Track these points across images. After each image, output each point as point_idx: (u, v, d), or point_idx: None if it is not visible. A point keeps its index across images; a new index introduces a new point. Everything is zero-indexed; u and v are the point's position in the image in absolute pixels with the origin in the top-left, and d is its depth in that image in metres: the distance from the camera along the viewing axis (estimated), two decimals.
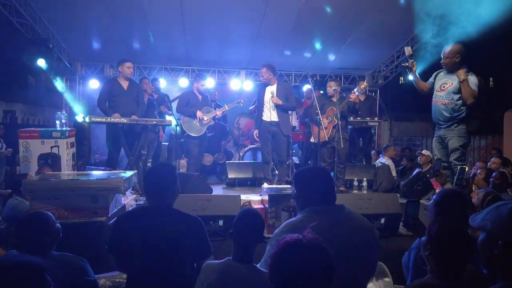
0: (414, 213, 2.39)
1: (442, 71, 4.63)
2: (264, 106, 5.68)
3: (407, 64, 4.68)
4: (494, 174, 4.41)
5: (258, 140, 6.11)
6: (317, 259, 1.34)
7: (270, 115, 5.59)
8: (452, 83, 4.47)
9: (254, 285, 1.85)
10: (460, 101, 4.43)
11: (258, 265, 2.01)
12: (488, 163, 5.72)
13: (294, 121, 7.63)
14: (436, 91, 4.61)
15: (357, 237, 1.89)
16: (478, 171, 4.88)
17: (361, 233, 1.93)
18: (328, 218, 1.83)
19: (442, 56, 4.55)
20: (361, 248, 1.88)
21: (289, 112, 6.03)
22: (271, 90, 5.60)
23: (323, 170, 2.22)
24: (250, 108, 7.43)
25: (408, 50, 4.70)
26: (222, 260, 1.95)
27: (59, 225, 2.34)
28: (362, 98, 6.89)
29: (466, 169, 3.17)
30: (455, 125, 4.50)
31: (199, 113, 6.01)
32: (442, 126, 4.61)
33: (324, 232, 1.53)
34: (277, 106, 5.54)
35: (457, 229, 1.76)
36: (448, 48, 4.47)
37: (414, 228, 2.38)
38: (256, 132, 5.96)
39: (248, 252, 1.96)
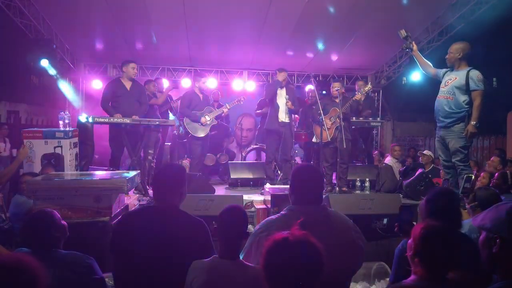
0: (409, 218, 2.27)
1: (450, 69, 4.66)
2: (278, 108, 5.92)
3: (405, 45, 4.83)
4: (496, 174, 4.45)
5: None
6: (305, 254, 1.37)
7: (283, 116, 5.86)
8: (456, 78, 4.49)
9: (242, 280, 1.87)
10: (463, 99, 4.43)
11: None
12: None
13: None
14: (441, 87, 4.66)
15: (337, 237, 1.90)
16: (481, 174, 4.91)
17: (342, 232, 1.95)
18: (308, 217, 1.81)
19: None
20: (341, 248, 1.88)
21: None
22: (284, 93, 5.92)
23: (314, 170, 2.20)
24: (258, 111, 7.58)
25: (401, 33, 4.81)
26: (209, 258, 1.96)
27: (64, 222, 2.36)
28: (362, 98, 6.88)
29: (472, 177, 3.19)
30: (454, 124, 4.49)
31: (203, 119, 6.08)
32: (442, 125, 4.60)
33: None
34: (289, 109, 5.88)
35: (443, 230, 1.71)
36: (453, 45, 4.61)
37: (409, 234, 2.34)
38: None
39: (233, 248, 1.97)
